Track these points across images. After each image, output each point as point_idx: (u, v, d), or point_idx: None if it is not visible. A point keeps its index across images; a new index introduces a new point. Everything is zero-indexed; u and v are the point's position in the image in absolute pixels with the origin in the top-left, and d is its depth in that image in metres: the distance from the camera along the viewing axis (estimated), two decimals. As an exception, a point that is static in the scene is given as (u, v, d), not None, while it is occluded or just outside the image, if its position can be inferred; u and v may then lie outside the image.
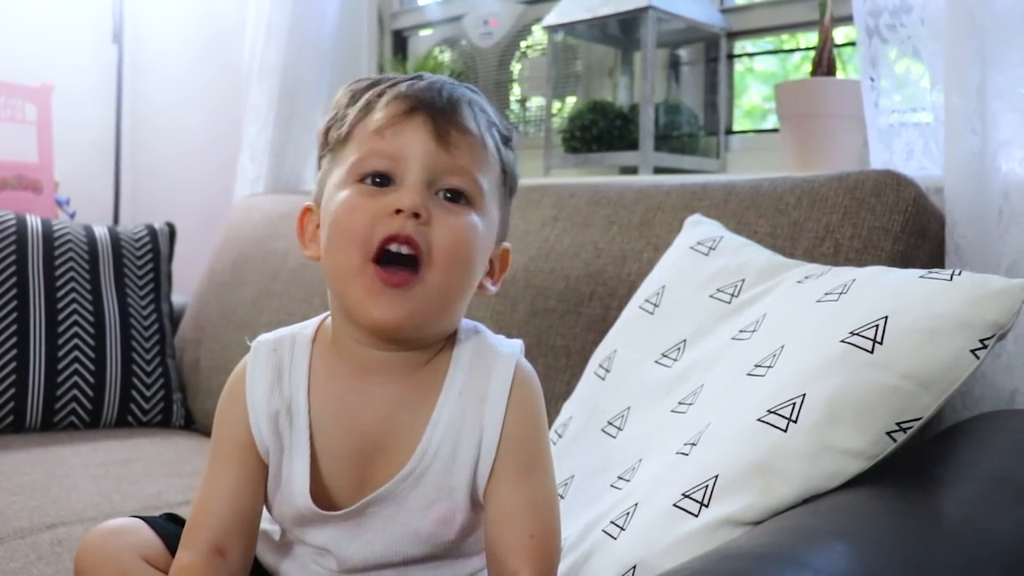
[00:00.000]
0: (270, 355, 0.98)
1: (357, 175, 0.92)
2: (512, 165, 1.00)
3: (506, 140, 0.99)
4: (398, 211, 0.88)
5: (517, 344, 1.00)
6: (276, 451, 0.96)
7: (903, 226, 1.29)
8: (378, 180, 0.91)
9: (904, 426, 0.89)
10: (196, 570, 0.93)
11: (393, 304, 0.88)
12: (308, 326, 1.01)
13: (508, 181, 1.00)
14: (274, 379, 0.97)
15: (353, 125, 0.94)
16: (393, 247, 0.88)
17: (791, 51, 2.25)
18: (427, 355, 0.96)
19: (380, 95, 0.94)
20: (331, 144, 0.97)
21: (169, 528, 1.03)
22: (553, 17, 2.20)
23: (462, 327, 1.00)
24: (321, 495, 0.96)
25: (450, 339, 0.98)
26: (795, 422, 0.91)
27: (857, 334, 0.92)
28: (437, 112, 0.92)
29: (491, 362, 0.96)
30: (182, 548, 0.95)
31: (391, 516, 0.95)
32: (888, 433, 0.89)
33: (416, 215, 0.88)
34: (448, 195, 0.92)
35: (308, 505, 0.95)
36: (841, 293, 1.01)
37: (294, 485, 0.96)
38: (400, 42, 2.93)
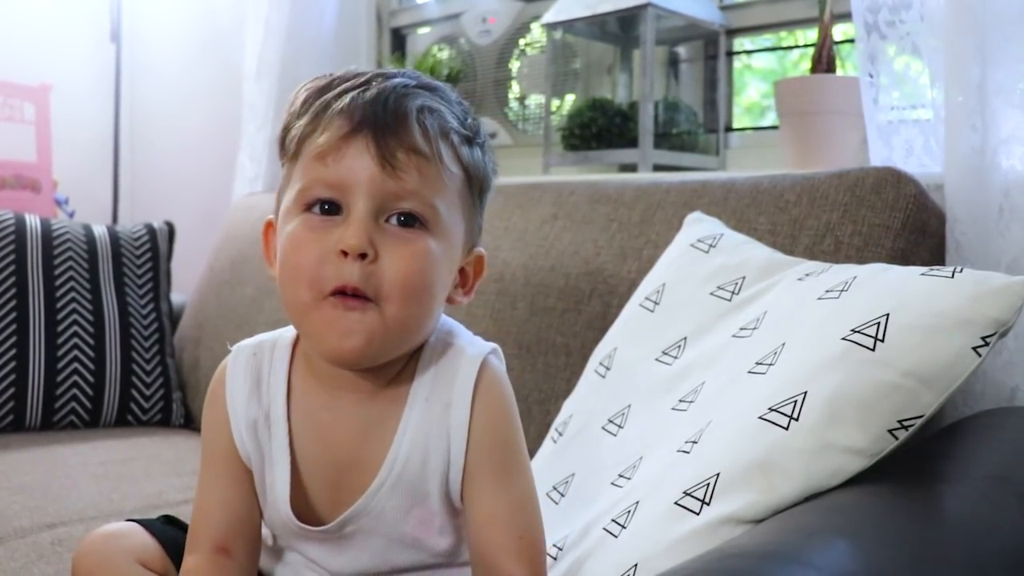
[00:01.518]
0: (249, 360, 0.98)
1: (303, 204, 0.89)
2: (479, 166, 0.94)
3: (469, 139, 0.93)
4: (344, 252, 0.85)
5: (487, 346, 0.97)
6: (258, 459, 0.97)
7: (903, 223, 1.29)
8: (326, 207, 0.88)
9: (906, 424, 0.89)
10: (203, 570, 0.94)
11: (349, 329, 0.86)
12: (288, 331, 1.00)
13: (475, 184, 0.94)
14: (253, 386, 0.97)
15: (301, 141, 0.90)
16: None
17: (790, 48, 2.25)
18: (395, 369, 0.95)
19: (327, 107, 0.88)
20: (286, 154, 0.93)
21: (166, 531, 1.03)
22: (552, 15, 2.19)
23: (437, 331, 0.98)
24: (303, 506, 0.96)
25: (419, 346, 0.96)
26: (796, 420, 0.90)
27: (858, 332, 0.92)
28: (380, 130, 0.86)
29: (456, 367, 0.94)
30: (187, 552, 0.96)
31: (372, 529, 0.95)
32: (889, 431, 0.89)
33: (363, 255, 0.85)
34: (402, 219, 0.87)
35: (289, 516, 0.95)
36: (842, 291, 1.00)
37: (277, 494, 0.96)
38: (398, 40, 2.93)
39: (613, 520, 1.02)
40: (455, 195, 0.91)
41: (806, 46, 2.17)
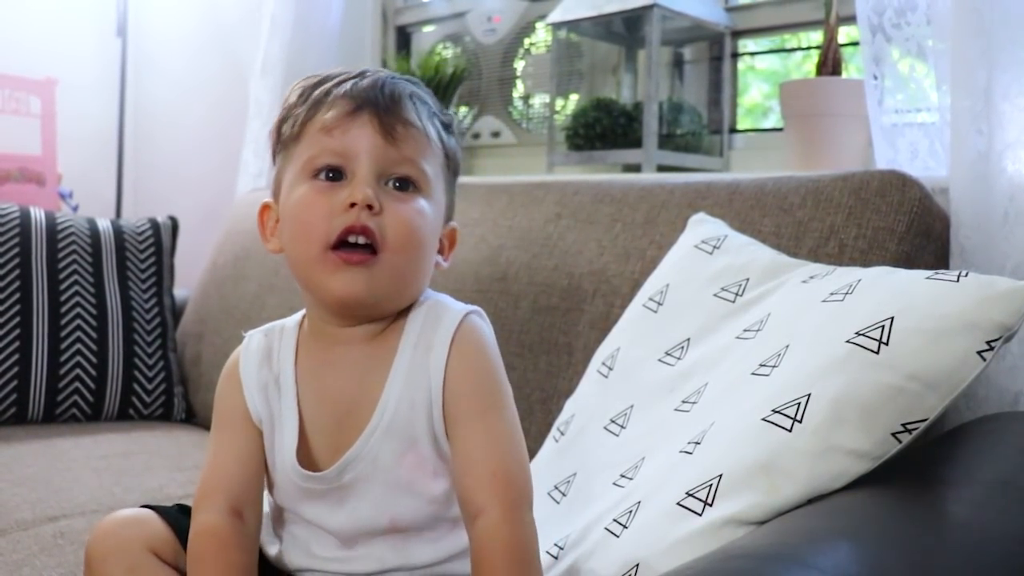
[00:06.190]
0: (261, 339, 1.08)
1: (311, 172, 1.00)
2: (454, 150, 1.08)
3: (447, 127, 1.07)
4: (352, 204, 0.96)
5: (473, 307, 1.05)
6: (268, 419, 1.04)
7: (908, 227, 1.28)
8: (331, 175, 0.99)
9: (909, 427, 0.89)
10: (222, 529, 1.00)
11: (354, 279, 0.96)
12: (295, 317, 1.10)
13: (451, 165, 1.08)
14: (264, 357, 1.06)
15: (303, 123, 1.01)
16: (351, 238, 0.96)
17: (794, 50, 2.25)
18: (387, 322, 1.03)
19: (327, 93, 1.01)
20: (284, 141, 1.04)
21: (181, 520, 1.05)
22: (557, 14, 2.20)
23: (424, 295, 1.07)
24: (306, 459, 1.02)
25: (410, 305, 1.05)
26: (800, 422, 0.90)
27: (863, 334, 0.92)
28: (381, 109, 0.99)
29: (440, 316, 1.02)
30: (200, 512, 1.01)
31: (369, 476, 1.00)
32: (893, 434, 0.89)
33: (369, 207, 0.96)
34: (397, 184, 1.00)
35: (294, 465, 1.01)
36: (847, 293, 1.01)
37: (285, 447, 1.02)
38: (404, 38, 2.93)
39: (615, 520, 1.02)
40: (439, 167, 1.04)
41: (809, 48, 2.17)
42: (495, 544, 0.92)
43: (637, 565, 0.93)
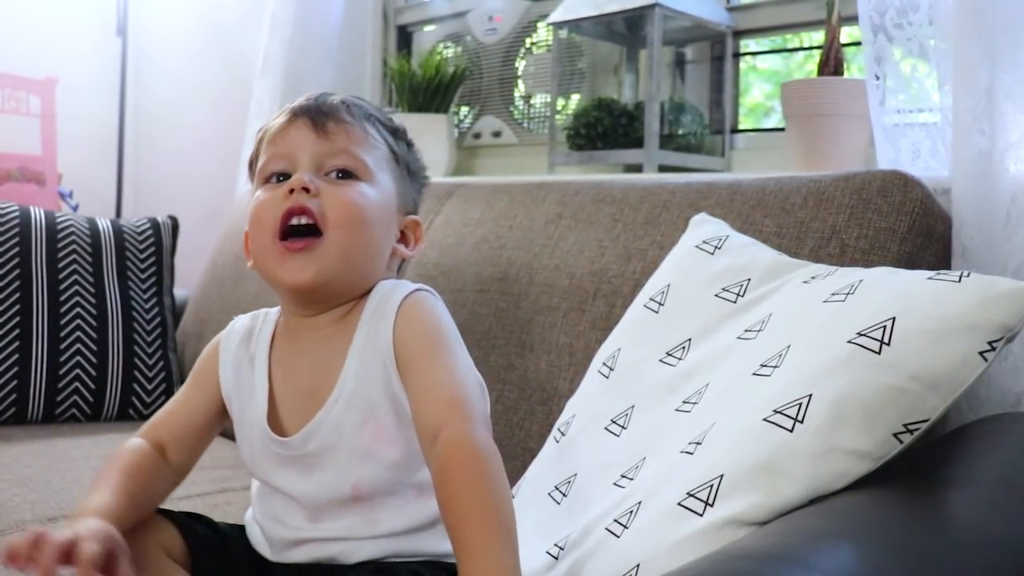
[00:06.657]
0: (247, 322, 1.19)
1: (263, 179, 1.12)
2: (404, 153, 1.18)
3: (394, 132, 1.18)
4: (291, 191, 1.06)
5: (425, 286, 1.12)
6: (236, 396, 1.13)
7: (910, 227, 1.28)
8: (280, 178, 1.10)
9: (911, 428, 0.89)
10: (144, 449, 1.10)
11: (303, 265, 1.05)
12: (277, 308, 1.19)
13: (400, 161, 1.17)
14: (244, 337, 1.17)
15: (258, 144, 1.15)
16: (293, 221, 1.05)
17: (795, 50, 2.25)
18: (348, 308, 1.11)
19: (275, 120, 1.14)
20: (252, 170, 1.17)
21: (188, 524, 1.11)
22: (559, 14, 2.19)
23: (384, 280, 1.13)
24: (276, 430, 1.09)
25: (371, 289, 1.12)
26: (801, 422, 0.90)
27: (864, 335, 0.92)
28: (314, 113, 1.11)
29: (392, 291, 1.09)
30: (137, 436, 1.13)
31: (333, 445, 1.05)
32: (895, 435, 0.89)
33: (306, 189, 1.05)
34: (339, 175, 1.09)
35: (265, 428, 1.08)
36: (848, 294, 1.00)
37: (256, 414, 1.10)
38: (405, 37, 2.93)
39: (615, 520, 1.02)
40: (382, 158, 1.14)
41: (811, 48, 2.17)
42: (459, 451, 0.93)
43: (638, 566, 0.93)
